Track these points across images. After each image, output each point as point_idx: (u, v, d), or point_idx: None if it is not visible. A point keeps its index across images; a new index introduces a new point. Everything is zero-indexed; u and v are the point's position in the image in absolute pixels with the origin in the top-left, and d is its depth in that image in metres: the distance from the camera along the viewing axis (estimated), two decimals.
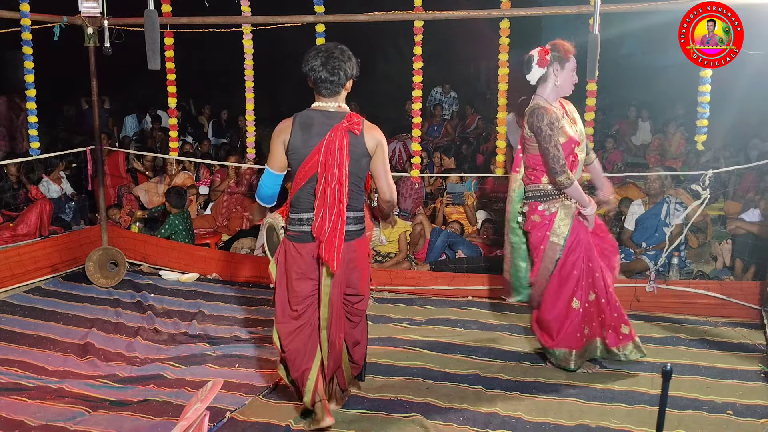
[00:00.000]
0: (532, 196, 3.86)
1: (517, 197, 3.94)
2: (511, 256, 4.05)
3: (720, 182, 7.30)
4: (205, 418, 2.16)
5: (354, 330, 3.39)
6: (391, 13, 5.17)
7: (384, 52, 11.75)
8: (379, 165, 3.19)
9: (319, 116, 3.13)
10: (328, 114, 3.14)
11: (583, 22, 4.68)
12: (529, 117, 3.73)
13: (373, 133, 3.14)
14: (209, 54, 10.49)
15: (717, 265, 5.75)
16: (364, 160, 3.14)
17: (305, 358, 3.25)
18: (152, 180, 7.75)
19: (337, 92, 3.14)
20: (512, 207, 3.97)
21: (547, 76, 3.75)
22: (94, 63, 5.74)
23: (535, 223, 3.83)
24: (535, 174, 3.83)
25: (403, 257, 6.03)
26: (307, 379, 3.24)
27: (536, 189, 3.84)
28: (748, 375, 3.91)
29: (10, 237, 6.23)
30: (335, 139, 3.04)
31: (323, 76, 3.08)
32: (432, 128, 10.14)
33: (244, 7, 5.36)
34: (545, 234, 3.81)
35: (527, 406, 3.55)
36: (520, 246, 3.99)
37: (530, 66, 3.74)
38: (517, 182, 3.94)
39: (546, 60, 3.71)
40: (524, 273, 4.01)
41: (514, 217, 3.97)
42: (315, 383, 3.24)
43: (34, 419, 3.43)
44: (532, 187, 3.86)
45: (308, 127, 3.11)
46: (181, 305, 5.28)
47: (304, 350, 3.24)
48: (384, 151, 3.18)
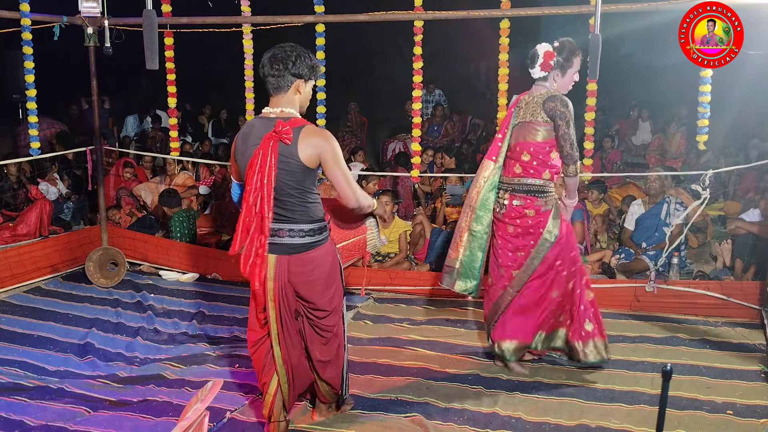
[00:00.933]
0: (531, 191, 3.76)
1: (490, 185, 3.84)
2: (467, 244, 3.91)
3: (720, 182, 7.30)
4: (205, 418, 2.16)
5: (324, 347, 3.11)
6: (391, 13, 5.17)
7: (384, 52, 11.74)
8: (331, 171, 2.87)
9: (259, 124, 2.90)
10: (266, 121, 2.88)
11: (583, 22, 4.68)
12: (550, 101, 3.65)
13: (310, 141, 2.81)
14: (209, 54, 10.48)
15: (717, 265, 5.75)
16: (301, 170, 2.84)
17: (265, 369, 3.10)
18: (153, 180, 7.74)
19: (281, 93, 2.90)
20: (483, 195, 3.85)
21: (547, 78, 3.75)
22: (94, 63, 5.75)
23: (527, 218, 3.77)
24: (535, 168, 3.74)
25: (403, 257, 6.03)
26: (266, 393, 3.12)
27: (536, 184, 3.76)
28: (748, 375, 3.91)
29: (10, 237, 6.23)
30: (265, 149, 2.78)
31: (266, 71, 2.88)
32: (432, 128, 10.14)
33: (244, 7, 5.37)
34: (538, 230, 3.77)
35: (527, 406, 3.55)
36: (482, 235, 3.89)
37: (534, 64, 3.72)
38: (492, 170, 3.84)
39: (549, 66, 3.69)
40: (480, 263, 3.92)
41: (483, 205, 3.86)
42: (272, 399, 3.10)
43: (34, 419, 3.42)
44: (529, 180, 3.76)
45: (246, 136, 2.90)
46: (181, 305, 5.28)
47: (264, 362, 3.09)
48: (333, 155, 2.84)
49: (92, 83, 5.82)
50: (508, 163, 3.84)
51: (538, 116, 3.70)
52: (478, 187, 3.88)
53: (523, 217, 3.79)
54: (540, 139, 3.72)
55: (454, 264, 3.96)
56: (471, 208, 3.90)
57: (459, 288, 3.97)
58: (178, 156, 6.59)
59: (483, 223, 3.88)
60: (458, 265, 3.95)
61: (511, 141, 3.83)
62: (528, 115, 3.75)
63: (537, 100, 3.73)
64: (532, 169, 3.76)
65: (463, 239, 3.93)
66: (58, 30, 5.56)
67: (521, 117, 3.79)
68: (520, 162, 3.78)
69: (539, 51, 3.71)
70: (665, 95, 10.45)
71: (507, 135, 3.83)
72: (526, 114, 3.76)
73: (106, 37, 5.43)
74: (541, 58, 3.69)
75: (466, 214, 3.92)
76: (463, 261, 3.93)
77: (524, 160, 3.76)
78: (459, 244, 3.94)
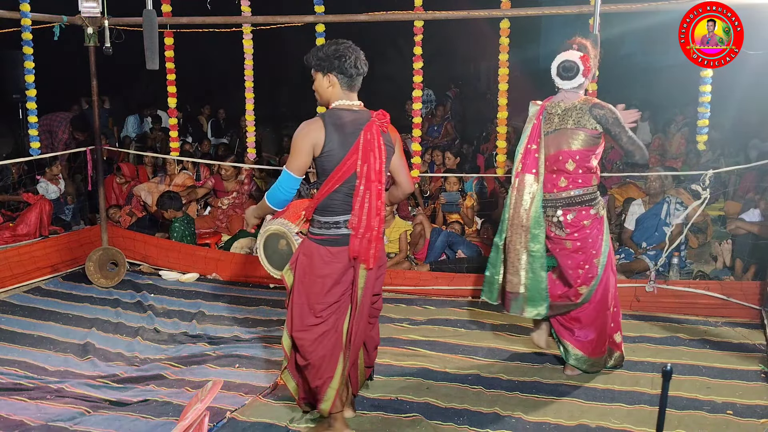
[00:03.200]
0: (582, 201, 3.64)
1: (539, 201, 3.65)
2: (528, 266, 3.69)
3: (720, 182, 7.30)
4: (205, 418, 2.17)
5: (372, 331, 3.34)
6: (391, 13, 5.17)
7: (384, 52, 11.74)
8: (400, 158, 3.19)
9: (348, 115, 3.01)
10: (355, 112, 3.04)
11: (583, 22, 4.68)
12: (598, 109, 3.56)
13: (392, 129, 3.13)
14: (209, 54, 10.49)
15: (717, 265, 5.75)
16: (391, 156, 3.11)
17: (330, 365, 3.10)
18: (153, 180, 7.74)
19: (356, 89, 3.10)
20: (534, 212, 3.64)
21: (583, 83, 3.66)
22: (94, 63, 5.75)
23: (585, 228, 3.64)
24: (583, 177, 3.62)
25: (403, 257, 6.03)
26: (328, 387, 3.11)
27: (587, 192, 3.64)
28: (748, 375, 3.91)
29: (10, 237, 6.23)
30: (372, 138, 2.97)
31: (362, 70, 3.04)
32: (432, 128, 10.15)
33: (244, 7, 5.37)
34: (598, 238, 3.66)
35: (527, 406, 3.55)
36: (542, 254, 3.68)
37: (574, 74, 3.59)
38: (535, 185, 3.65)
39: (589, 69, 3.60)
40: (546, 283, 3.71)
41: (537, 223, 3.65)
42: (336, 392, 3.12)
43: (34, 419, 3.42)
44: (580, 191, 3.63)
45: (341, 126, 2.97)
46: (181, 305, 5.28)
47: (330, 357, 3.10)
48: (400, 143, 3.20)
49: (92, 83, 5.82)
50: (548, 177, 3.67)
51: (586, 123, 3.58)
52: (524, 204, 3.66)
53: (581, 229, 3.65)
54: (585, 146, 3.61)
55: (518, 289, 3.73)
56: (524, 228, 3.67)
57: (530, 314, 3.78)
58: (177, 156, 6.59)
59: (540, 242, 3.68)
60: (523, 290, 3.72)
61: (548, 151, 3.67)
62: (570, 122, 3.61)
63: (581, 107, 3.60)
64: (580, 179, 3.63)
65: (521, 261, 3.70)
66: (58, 30, 5.56)
67: (557, 125, 3.64)
68: (564, 173, 3.64)
69: (574, 60, 3.58)
70: (665, 95, 10.45)
71: (541, 145, 3.66)
72: (565, 121, 3.62)
73: (106, 37, 5.42)
74: (581, 65, 3.57)
75: (518, 234, 3.69)
76: (528, 285, 3.71)
77: (569, 169, 3.63)
78: (519, 268, 3.71)
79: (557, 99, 3.71)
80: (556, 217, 3.67)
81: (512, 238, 3.73)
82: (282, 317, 4.94)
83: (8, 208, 7.11)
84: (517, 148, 3.77)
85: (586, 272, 3.67)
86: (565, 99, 3.68)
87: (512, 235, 3.72)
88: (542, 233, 3.67)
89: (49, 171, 7.23)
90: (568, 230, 3.66)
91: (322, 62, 3.01)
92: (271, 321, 4.93)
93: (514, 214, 3.71)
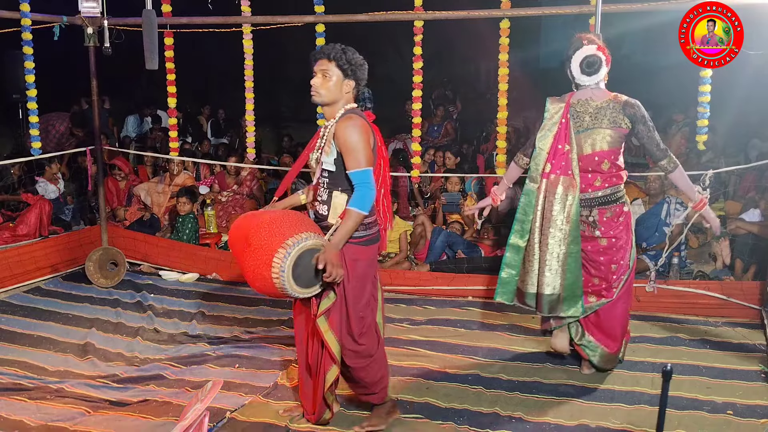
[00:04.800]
0: (616, 199, 3.63)
1: (578, 203, 3.57)
2: (567, 267, 3.62)
3: (720, 182, 7.29)
4: (205, 418, 2.17)
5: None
6: (391, 13, 5.17)
7: (384, 52, 11.75)
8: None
9: (362, 117, 3.04)
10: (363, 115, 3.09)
11: (583, 22, 4.68)
12: (630, 108, 3.53)
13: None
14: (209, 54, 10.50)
15: (717, 265, 5.74)
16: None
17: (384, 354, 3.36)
18: (152, 180, 7.74)
19: None
20: (575, 214, 3.56)
21: (604, 76, 3.62)
22: (94, 63, 5.75)
23: (619, 224, 3.65)
24: (615, 175, 3.61)
25: (403, 257, 6.03)
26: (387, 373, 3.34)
27: (619, 190, 3.64)
28: (748, 375, 3.91)
29: (10, 237, 6.23)
30: (379, 139, 3.11)
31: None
32: (432, 128, 10.14)
33: (244, 7, 5.37)
34: (629, 233, 3.68)
35: (527, 406, 3.55)
36: (579, 253, 3.65)
37: (599, 66, 3.54)
38: (573, 186, 3.55)
39: (609, 58, 3.56)
40: (581, 280, 3.68)
41: (576, 225, 3.58)
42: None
43: (34, 419, 3.42)
44: (614, 189, 3.62)
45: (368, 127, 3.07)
46: (181, 305, 5.28)
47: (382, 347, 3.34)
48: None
49: (92, 83, 5.82)
50: (583, 177, 3.60)
51: (621, 123, 3.54)
52: (559, 206, 3.57)
53: (616, 227, 3.65)
54: (618, 145, 3.58)
55: (555, 290, 3.65)
56: (561, 230, 3.58)
57: (566, 313, 3.71)
58: (177, 156, 6.59)
59: (579, 242, 3.63)
60: (560, 291, 3.66)
61: (581, 151, 3.59)
62: (605, 121, 3.54)
63: (614, 106, 3.55)
64: (614, 177, 3.61)
65: (559, 262, 3.62)
66: (58, 30, 5.56)
67: (589, 123, 3.57)
68: (600, 173, 3.59)
69: (594, 53, 3.53)
70: (665, 95, 10.44)
71: (573, 145, 3.57)
72: (599, 120, 3.55)
73: (105, 37, 5.42)
74: (604, 57, 3.54)
75: (558, 238, 3.59)
76: (565, 285, 3.65)
77: (605, 169, 3.59)
78: (556, 269, 3.63)
79: (583, 96, 3.61)
80: (592, 216, 3.65)
81: (545, 240, 3.62)
82: (281, 317, 4.94)
83: (8, 208, 7.11)
84: (538, 147, 3.66)
85: (619, 267, 3.70)
86: (594, 96, 3.59)
87: (545, 237, 3.62)
88: (579, 234, 3.63)
89: (48, 170, 7.21)
90: (603, 228, 3.65)
91: (351, 67, 3.01)
92: (271, 321, 4.93)
93: (547, 216, 3.61)
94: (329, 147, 3.00)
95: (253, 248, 2.90)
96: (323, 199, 3.10)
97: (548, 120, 3.65)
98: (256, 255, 2.89)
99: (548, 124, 3.64)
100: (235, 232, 3.09)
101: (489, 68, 12.34)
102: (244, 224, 3.06)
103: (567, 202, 3.57)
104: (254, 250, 2.90)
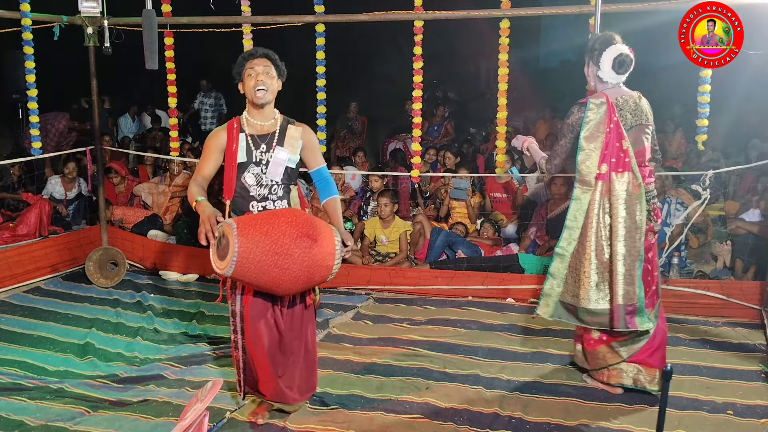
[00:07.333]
0: (657, 193, 3.63)
1: (644, 200, 3.44)
2: (636, 273, 3.41)
3: (720, 182, 7.29)
4: (205, 418, 2.17)
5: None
6: (391, 13, 5.17)
7: (383, 52, 11.74)
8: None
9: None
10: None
11: (583, 22, 4.68)
12: (648, 106, 3.56)
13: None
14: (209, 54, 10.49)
15: (717, 265, 5.74)
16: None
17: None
18: (153, 180, 7.73)
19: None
20: (643, 211, 3.43)
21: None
22: (94, 63, 5.75)
23: (659, 218, 3.63)
24: (650, 171, 3.55)
25: (403, 257, 6.03)
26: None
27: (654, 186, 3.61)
28: (748, 375, 3.91)
29: (10, 237, 6.23)
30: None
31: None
32: (432, 128, 10.14)
33: (244, 7, 5.37)
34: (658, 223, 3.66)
35: (527, 406, 3.55)
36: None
37: (627, 66, 3.55)
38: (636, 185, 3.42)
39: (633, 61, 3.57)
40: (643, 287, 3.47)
41: (644, 224, 3.44)
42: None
43: (34, 419, 3.42)
44: (654, 184, 3.58)
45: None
46: (181, 305, 5.28)
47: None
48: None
49: (92, 83, 5.82)
50: (642, 171, 3.49)
51: (651, 118, 3.56)
52: (640, 205, 3.41)
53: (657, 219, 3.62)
54: (652, 141, 3.60)
55: (634, 300, 3.42)
56: (640, 231, 3.41)
57: (644, 325, 3.45)
58: (177, 156, 6.59)
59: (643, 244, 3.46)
60: (638, 301, 3.43)
61: (632, 148, 3.47)
62: (644, 118, 3.52)
63: (643, 103, 3.56)
64: (648, 173, 3.56)
65: (637, 269, 3.41)
66: (58, 30, 5.56)
67: (631, 121, 3.49)
68: (642, 169, 3.49)
69: (627, 52, 3.52)
70: (665, 95, 10.44)
71: (628, 142, 3.45)
72: (639, 117, 3.51)
73: (105, 37, 5.42)
74: (632, 55, 3.56)
75: (634, 239, 3.40)
76: (639, 294, 3.43)
77: (649, 164, 3.57)
78: (635, 277, 3.41)
79: (618, 94, 3.55)
80: (652, 210, 3.59)
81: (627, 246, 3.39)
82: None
83: (8, 207, 7.11)
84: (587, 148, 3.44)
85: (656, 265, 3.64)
86: (626, 94, 3.58)
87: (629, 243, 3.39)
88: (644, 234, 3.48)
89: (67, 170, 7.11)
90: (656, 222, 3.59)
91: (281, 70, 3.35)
92: None
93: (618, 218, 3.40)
94: (295, 147, 3.21)
95: (319, 243, 2.94)
96: (279, 195, 3.20)
97: (592, 120, 3.45)
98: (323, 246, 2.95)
99: (593, 124, 3.44)
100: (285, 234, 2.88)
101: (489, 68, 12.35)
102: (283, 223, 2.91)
103: (642, 200, 3.43)
104: (320, 244, 2.94)
